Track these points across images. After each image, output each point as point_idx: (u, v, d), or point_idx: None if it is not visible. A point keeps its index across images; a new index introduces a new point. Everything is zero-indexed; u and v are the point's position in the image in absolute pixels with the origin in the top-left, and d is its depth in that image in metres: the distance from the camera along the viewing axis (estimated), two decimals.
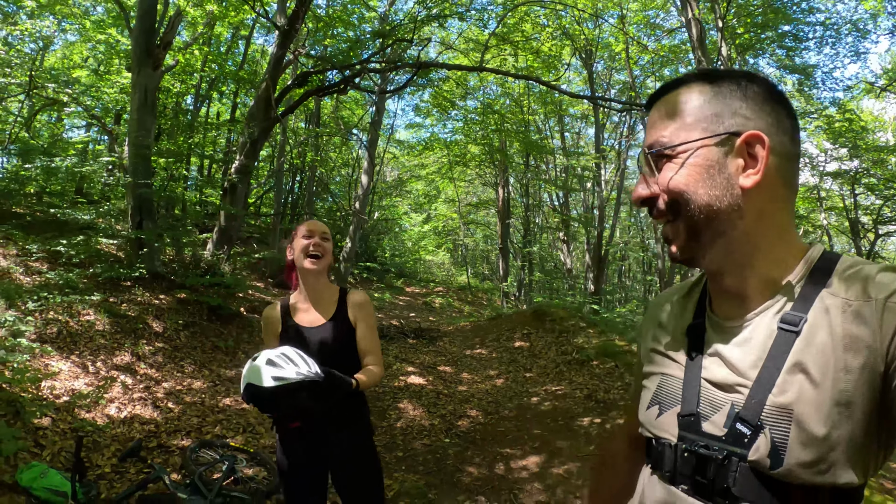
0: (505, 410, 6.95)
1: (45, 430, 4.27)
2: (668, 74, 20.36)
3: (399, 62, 12.02)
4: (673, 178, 0.93)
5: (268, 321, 2.56)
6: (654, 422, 1.04)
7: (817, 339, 0.85)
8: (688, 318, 1.07)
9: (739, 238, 0.92)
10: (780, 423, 0.84)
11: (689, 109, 0.95)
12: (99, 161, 11.08)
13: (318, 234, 2.53)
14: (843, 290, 0.86)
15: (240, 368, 7.38)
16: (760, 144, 0.90)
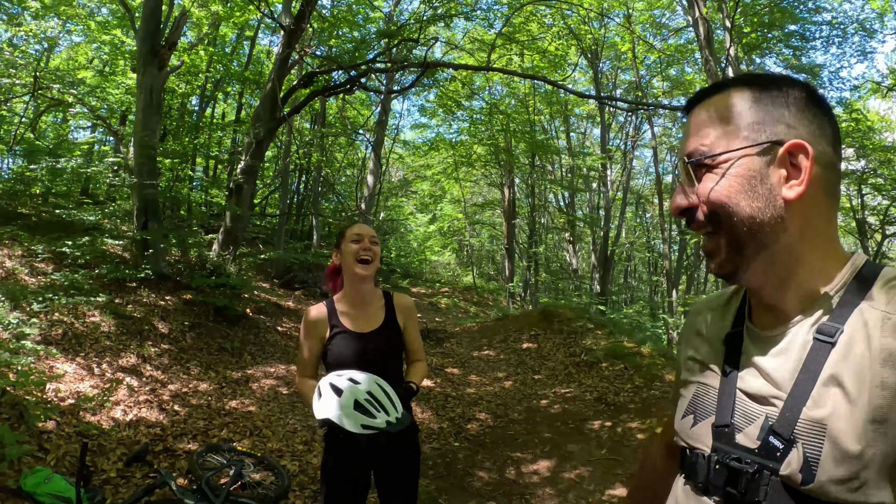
0: (514, 413, 6.88)
1: (49, 433, 4.20)
2: (674, 74, 20.33)
3: (405, 62, 11.96)
4: (714, 188, 0.90)
5: (313, 324, 2.49)
6: (688, 431, 1.02)
7: (854, 352, 0.82)
8: (726, 326, 1.05)
9: (782, 251, 0.90)
10: (814, 437, 0.81)
11: (730, 117, 0.92)
12: (104, 162, 11.05)
13: (368, 238, 2.48)
14: (883, 302, 0.83)
15: (246, 370, 7.33)
16: (804, 154, 0.87)
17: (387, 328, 2.50)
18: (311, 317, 2.50)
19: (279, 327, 10.14)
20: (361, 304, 2.52)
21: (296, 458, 4.93)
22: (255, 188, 13.10)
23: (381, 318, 2.52)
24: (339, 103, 19.98)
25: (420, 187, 28.19)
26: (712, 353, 1.05)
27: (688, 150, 0.95)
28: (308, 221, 21.64)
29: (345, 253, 2.48)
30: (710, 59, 12.02)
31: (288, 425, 5.70)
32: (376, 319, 2.51)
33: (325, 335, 2.47)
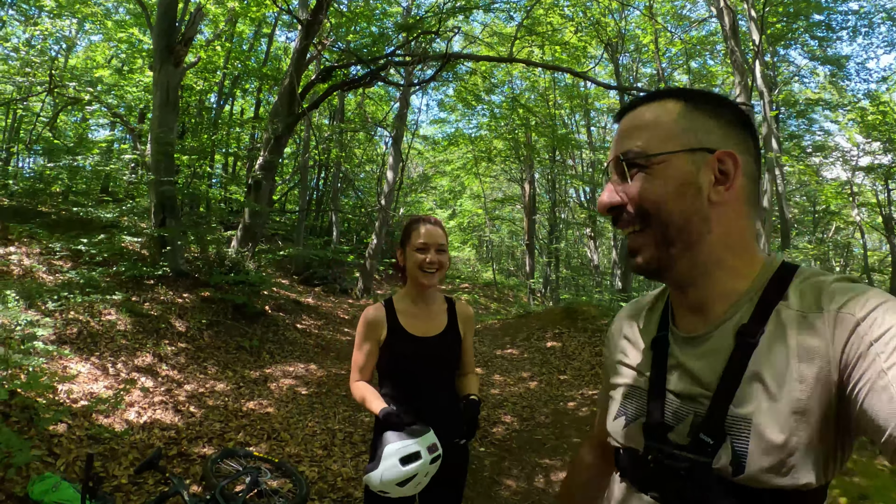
0: (541, 416, 6.65)
1: (59, 437, 4.05)
2: (695, 67, 19.94)
3: (425, 55, 11.76)
4: (646, 188, 0.94)
5: (372, 324, 2.32)
6: (621, 432, 1.06)
7: (774, 350, 0.87)
8: (652, 330, 1.09)
9: (705, 251, 0.94)
10: (741, 432, 0.86)
11: (664, 122, 0.96)
12: (121, 159, 10.98)
13: (435, 247, 2.29)
14: (798, 301, 0.89)
15: (264, 369, 7.20)
16: (733, 162, 0.93)
17: (448, 335, 2.36)
18: (369, 317, 2.33)
19: (298, 324, 10.01)
20: (424, 307, 2.38)
21: (315, 464, 4.73)
22: (274, 184, 13.00)
23: (444, 324, 2.38)
24: (358, 98, 19.87)
25: (439, 183, 28.08)
26: (640, 357, 1.09)
27: (621, 149, 0.98)
28: (328, 217, 21.57)
29: (409, 257, 2.32)
30: (735, 50, 11.71)
31: (307, 428, 5.52)
32: (438, 324, 2.37)
33: (382, 337, 2.31)
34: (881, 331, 0.79)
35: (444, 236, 2.34)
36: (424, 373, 2.26)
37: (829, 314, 0.84)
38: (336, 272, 16.80)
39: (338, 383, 7.28)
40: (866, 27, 16.26)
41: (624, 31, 18.66)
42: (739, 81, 11.46)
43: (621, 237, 20.32)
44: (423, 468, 1.92)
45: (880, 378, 0.76)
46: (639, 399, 1.05)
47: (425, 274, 2.28)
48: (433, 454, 1.96)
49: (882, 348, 0.77)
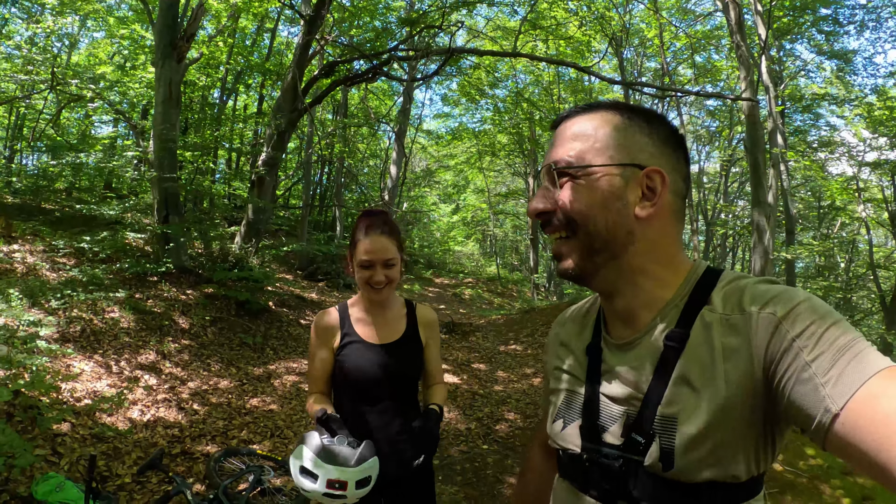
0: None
1: (63, 436, 4.06)
2: (700, 61, 19.85)
3: (429, 49, 11.72)
4: (575, 197, 0.97)
5: (322, 330, 2.15)
6: (559, 434, 1.10)
7: (699, 353, 0.91)
8: (587, 337, 1.13)
9: (630, 262, 0.98)
10: (668, 430, 0.91)
11: (598, 135, 0.99)
12: (124, 156, 10.99)
13: (380, 264, 2.06)
14: (720, 304, 0.93)
15: (268, 366, 7.20)
16: (661, 180, 0.96)
17: (408, 342, 2.18)
18: (320, 323, 2.17)
19: (302, 320, 10.01)
20: (379, 311, 2.20)
21: None
22: (278, 180, 12.98)
23: (402, 330, 2.20)
24: (362, 93, 19.83)
25: (443, 177, 28.05)
26: (576, 363, 1.13)
27: (553, 157, 1.00)
28: (331, 212, 21.57)
29: (355, 269, 2.11)
30: (741, 45, 11.66)
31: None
32: (396, 330, 2.19)
33: (336, 343, 2.14)
34: (802, 326, 0.82)
35: (391, 246, 2.08)
36: (383, 384, 2.07)
37: (751, 315, 0.88)
38: (340, 267, 16.79)
39: None
40: (874, 21, 16.17)
41: (628, 24, 18.58)
42: (745, 76, 11.42)
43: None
44: (314, 495, 1.76)
45: (804, 370, 0.80)
46: (575, 403, 1.09)
47: (372, 290, 2.09)
48: (330, 489, 1.75)
49: (805, 343, 0.81)
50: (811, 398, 0.78)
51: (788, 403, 0.82)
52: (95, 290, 6.68)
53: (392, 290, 2.14)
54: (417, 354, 2.19)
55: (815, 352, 0.80)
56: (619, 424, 0.99)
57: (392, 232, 2.10)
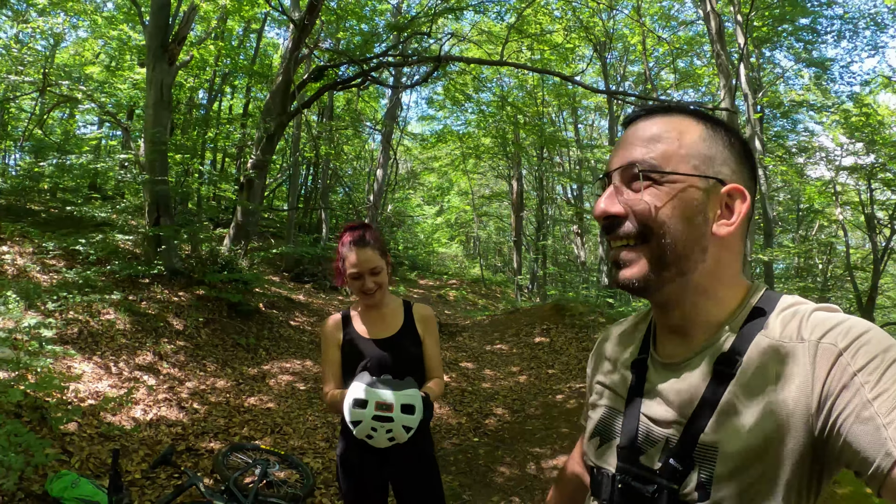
0: (531, 408, 6.85)
1: (71, 435, 4.18)
2: (682, 66, 20.18)
3: (417, 56, 11.88)
4: (656, 204, 0.91)
5: (328, 333, 2.43)
6: (595, 452, 1.07)
7: (750, 381, 0.86)
8: (633, 353, 1.09)
9: (696, 280, 0.93)
10: (709, 459, 0.86)
11: (684, 141, 0.93)
12: (114, 158, 11.01)
13: (367, 273, 2.32)
14: (778, 330, 0.88)
15: (262, 366, 7.32)
16: (741, 199, 0.93)
17: (404, 336, 2.42)
18: (326, 327, 2.46)
19: (292, 321, 10.12)
20: (377, 311, 2.45)
21: (318, 456, 4.90)
22: (266, 182, 13.06)
23: (399, 325, 2.44)
24: (347, 95, 19.91)
25: (427, 179, 28.14)
26: (619, 379, 1.09)
27: (631, 157, 0.94)
28: (317, 214, 21.62)
29: (347, 279, 2.37)
30: (720, 54, 11.93)
31: (308, 422, 5.68)
32: (393, 326, 2.43)
33: (339, 341, 2.41)
34: (865, 360, 0.77)
35: (374, 256, 2.33)
36: (378, 373, 2.23)
37: (809, 344, 0.83)
38: (326, 269, 16.86)
39: None
40: (851, 31, 16.54)
41: (612, 30, 18.84)
42: (724, 84, 11.70)
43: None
44: (366, 419, 2.02)
45: (865, 409, 0.75)
46: (614, 420, 1.05)
47: (365, 296, 2.35)
48: (379, 411, 2.02)
49: (866, 378, 0.76)
50: (871, 440, 0.74)
51: (844, 444, 0.77)
52: (90, 292, 6.75)
53: (384, 293, 2.41)
54: (415, 347, 2.42)
55: (878, 389, 0.75)
56: (658, 448, 0.94)
57: (375, 242, 2.36)
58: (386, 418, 2.02)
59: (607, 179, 0.97)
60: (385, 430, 2.04)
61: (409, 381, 2.14)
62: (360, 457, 2.33)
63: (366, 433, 2.05)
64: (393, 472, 2.37)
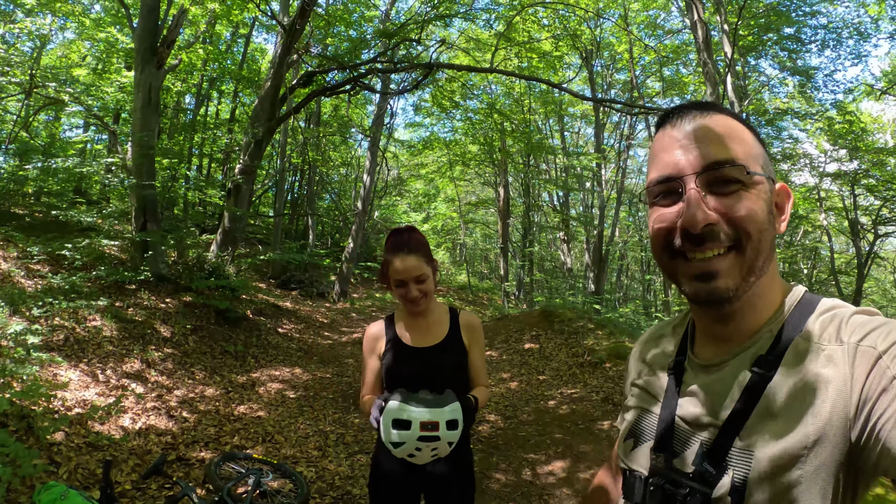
0: (523, 415, 6.81)
1: (59, 445, 4.08)
2: (668, 74, 20.33)
3: (406, 62, 11.86)
4: (752, 209, 0.87)
5: (372, 338, 2.35)
6: (629, 454, 1.06)
7: (787, 384, 0.84)
8: (670, 355, 1.08)
9: (763, 282, 0.92)
10: (744, 463, 0.84)
11: (750, 140, 0.92)
12: (100, 162, 10.89)
13: (413, 281, 2.22)
14: (817, 333, 0.86)
15: (251, 374, 7.24)
16: (786, 195, 0.94)
17: (449, 344, 2.30)
18: (369, 333, 2.36)
19: (280, 329, 10.04)
20: (422, 318, 2.34)
21: (311, 465, 4.83)
22: (253, 188, 12.98)
23: (444, 333, 2.32)
24: (335, 102, 19.86)
25: (414, 186, 28.14)
26: (655, 381, 1.08)
27: (715, 157, 0.88)
28: (303, 221, 21.53)
29: (391, 287, 2.28)
30: (707, 62, 12.00)
31: (299, 430, 5.61)
32: (437, 334, 2.32)
33: (381, 349, 2.31)
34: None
35: (420, 264, 2.22)
36: (425, 385, 2.12)
37: (848, 347, 0.81)
38: (312, 276, 16.79)
39: (324, 387, 7.37)
40: (835, 40, 16.74)
41: (599, 39, 18.95)
42: (711, 92, 11.76)
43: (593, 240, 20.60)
44: (410, 441, 1.91)
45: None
46: (649, 423, 1.04)
47: (410, 304, 2.25)
48: (425, 431, 1.90)
49: None
50: None
51: (883, 450, 0.74)
52: (76, 298, 6.64)
53: (429, 300, 2.29)
54: (459, 357, 2.30)
55: None
56: (693, 451, 0.92)
57: (419, 248, 2.24)
58: (432, 438, 1.92)
59: (681, 183, 0.89)
60: (430, 449, 1.95)
61: (449, 395, 2.02)
62: (394, 464, 2.25)
63: (408, 453, 1.96)
64: (429, 481, 2.28)
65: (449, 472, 2.27)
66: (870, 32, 16.21)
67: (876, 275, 24.62)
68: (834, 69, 21.26)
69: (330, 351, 9.68)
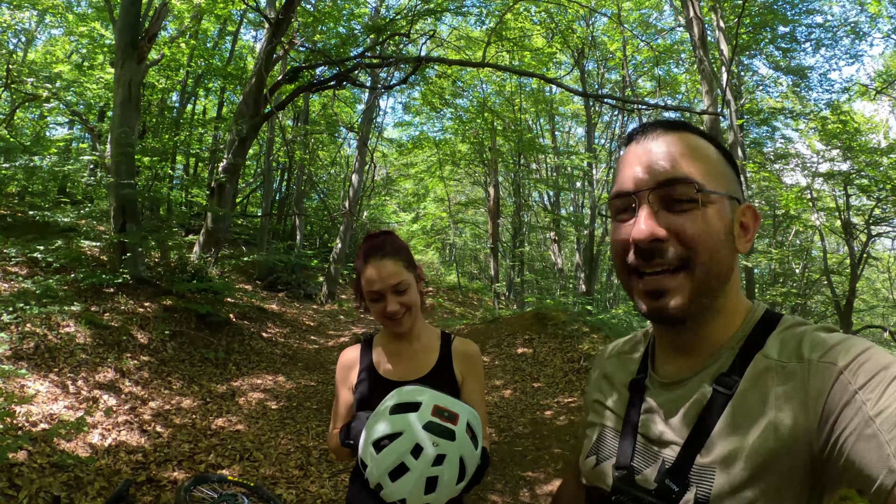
0: (519, 427, 6.57)
1: (20, 466, 3.78)
2: (660, 74, 20.20)
3: (393, 58, 11.59)
4: (702, 228, 0.87)
5: (344, 368, 1.93)
6: (591, 471, 1.05)
7: (748, 401, 0.85)
8: (631, 372, 1.08)
9: (721, 302, 0.92)
10: (705, 480, 0.84)
11: (714, 158, 0.93)
12: (80, 160, 10.57)
13: (390, 291, 1.79)
14: (777, 350, 0.87)
15: (231, 383, 6.97)
16: (752, 215, 0.94)
17: (437, 377, 1.85)
18: (341, 361, 1.95)
19: (264, 333, 9.75)
20: (406, 345, 1.92)
21: (291, 486, 4.54)
22: (238, 187, 12.67)
23: (432, 364, 1.89)
24: (323, 99, 19.59)
25: (403, 185, 27.95)
26: (617, 398, 1.08)
27: (667, 174, 0.89)
28: (291, 221, 21.24)
29: (367, 304, 1.86)
30: (703, 60, 11.81)
31: (280, 446, 5.32)
32: (424, 364, 1.89)
33: (353, 380, 1.90)
34: (866, 378, 0.76)
35: (398, 269, 1.80)
36: None
37: (809, 363, 0.82)
38: (300, 277, 16.51)
39: (308, 396, 7.09)
40: (830, 39, 16.76)
41: (591, 37, 18.77)
42: (707, 90, 11.57)
43: (584, 241, 20.42)
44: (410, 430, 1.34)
45: (867, 426, 0.73)
46: (611, 440, 1.04)
47: (391, 322, 1.83)
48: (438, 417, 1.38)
49: (868, 395, 0.75)
50: (873, 457, 0.72)
51: (847, 462, 0.75)
52: (50, 302, 6.31)
53: (414, 317, 1.86)
54: (449, 391, 1.67)
55: (880, 405, 0.73)
56: (655, 468, 0.92)
57: (396, 252, 1.83)
58: (445, 433, 1.36)
59: (635, 199, 0.91)
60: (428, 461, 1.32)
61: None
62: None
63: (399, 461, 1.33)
64: None
65: None
66: (866, 31, 16.18)
67: (868, 275, 24.64)
68: (829, 68, 21.23)
69: (315, 356, 9.38)
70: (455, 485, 1.37)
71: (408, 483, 1.32)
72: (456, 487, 1.38)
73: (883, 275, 25.07)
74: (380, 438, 1.36)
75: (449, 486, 1.36)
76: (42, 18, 14.67)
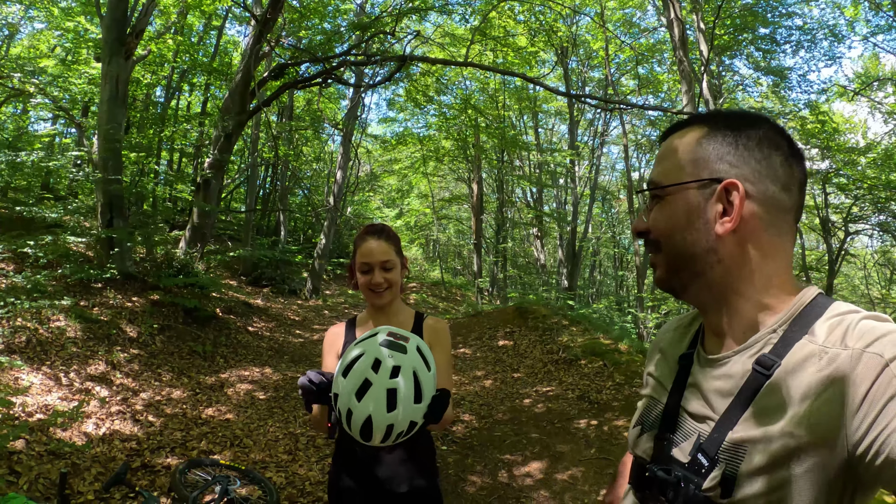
0: (498, 413, 6.76)
1: (19, 454, 3.92)
2: (643, 73, 20.46)
3: (379, 55, 11.72)
4: (657, 218, 1.00)
5: (329, 344, 2.19)
6: (635, 440, 1.10)
7: (787, 384, 0.84)
8: (683, 347, 1.11)
9: (717, 280, 0.95)
10: (735, 458, 0.86)
11: (680, 152, 0.98)
12: (66, 156, 10.62)
13: (378, 266, 2.09)
14: (822, 336, 0.85)
15: (219, 374, 7.10)
16: (736, 192, 0.91)
17: None
18: (329, 333, 2.23)
19: (250, 327, 9.89)
20: (384, 319, 2.20)
21: (280, 469, 4.72)
22: (223, 183, 12.76)
23: None
24: (308, 96, 19.63)
25: (387, 182, 28.00)
26: (667, 371, 1.11)
27: (650, 177, 1.03)
28: (275, 217, 21.28)
29: (356, 274, 2.15)
30: (683, 60, 12.04)
31: (269, 433, 5.49)
32: None
33: (339, 350, 2.15)
34: None
35: (389, 250, 2.12)
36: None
37: (853, 352, 0.79)
38: (284, 272, 16.61)
39: (295, 387, 7.23)
40: (809, 42, 17.03)
41: (574, 36, 18.97)
42: (686, 90, 11.82)
43: (567, 237, 20.66)
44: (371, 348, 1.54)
45: None
46: (656, 411, 1.07)
47: (373, 294, 2.12)
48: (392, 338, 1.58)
49: None
50: None
51: (886, 461, 0.73)
52: (40, 297, 6.42)
53: (394, 295, 2.16)
54: None
55: None
56: (690, 442, 0.95)
57: (390, 238, 2.15)
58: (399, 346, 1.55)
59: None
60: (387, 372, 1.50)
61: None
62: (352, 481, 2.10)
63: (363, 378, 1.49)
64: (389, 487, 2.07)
65: (408, 472, 2.09)
66: (845, 34, 16.50)
67: (846, 271, 25.06)
68: (808, 70, 21.61)
69: (301, 349, 9.54)
70: (413, 403, 1.52)
71: (371, 398, 1.48)
72: (415, 407, 1.53)
73: (860, 272, 25.50)
74: (350, 363, 1.53)
75: (407, 402, 1.50)
76: (26, 12, 14.61)
